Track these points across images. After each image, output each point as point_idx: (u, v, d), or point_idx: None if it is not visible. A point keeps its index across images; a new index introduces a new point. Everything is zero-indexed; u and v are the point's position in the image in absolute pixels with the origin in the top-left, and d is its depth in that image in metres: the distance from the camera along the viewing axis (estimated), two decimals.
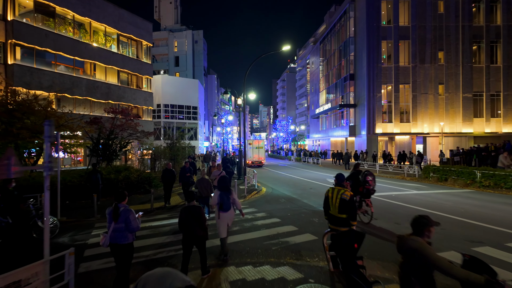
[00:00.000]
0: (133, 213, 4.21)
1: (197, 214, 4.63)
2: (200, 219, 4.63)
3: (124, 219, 4.09)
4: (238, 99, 15.97)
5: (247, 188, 13.18)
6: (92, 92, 24.66)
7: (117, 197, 4.29)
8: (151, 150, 20.02)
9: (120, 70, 27.48)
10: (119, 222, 4.09)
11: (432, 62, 33.74)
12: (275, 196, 11.57)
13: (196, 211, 4.66)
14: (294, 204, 9.99)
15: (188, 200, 4.84)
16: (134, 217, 4.17)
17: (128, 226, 4.10)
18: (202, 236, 4.69)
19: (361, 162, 24.38)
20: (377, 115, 33.83)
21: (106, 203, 10.60)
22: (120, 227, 4.10)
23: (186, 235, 4.66)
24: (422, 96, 33.73)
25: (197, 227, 4.62)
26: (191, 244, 4.68)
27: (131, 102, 28.36)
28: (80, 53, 23.98)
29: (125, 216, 4.10)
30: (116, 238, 4.11)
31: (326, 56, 47.74)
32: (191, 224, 4.59)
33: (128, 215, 4.12)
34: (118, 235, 4.11)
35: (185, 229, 4.66)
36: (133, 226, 4.12)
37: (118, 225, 4.10)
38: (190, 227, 4.60)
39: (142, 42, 29.94)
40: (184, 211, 4.70)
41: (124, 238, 4.13)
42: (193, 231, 4.60)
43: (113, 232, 4.11)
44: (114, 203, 4.23)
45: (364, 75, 34.67)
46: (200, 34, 49.13)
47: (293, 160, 41.55)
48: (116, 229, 4.10)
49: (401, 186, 14.28)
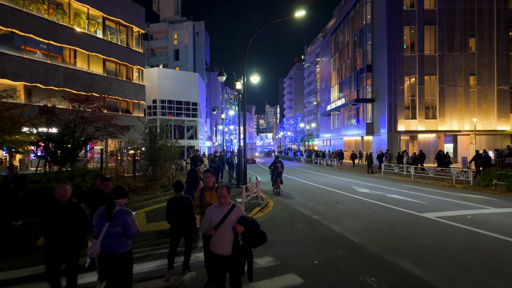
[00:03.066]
0: (132, 214, 3.32)
1: (186, 205, 4.50)
2: (190, 210, 4.48)
3: (122, 221, 3.21)
4: (236, 82, 12.27)
5: (247, 202, 9.45)
6: (72, 83, 21.27)
7: (116, 191, 3.35)
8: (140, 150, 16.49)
9: (106, 58, 24.09)
10: (115, 225, 3.19)
11: (462, 50, 29.63)
12: (287, 217, 7.80)
13: (185, 202, 4.52)
14: (319, 234, 6.19)
15: (176, 190, 4.61)
16: (133, 220, 3.29)
17: (127, 231, 3.22)
18: (190, 227, 4.55)
19: (390, 164, 20.44)
20: (399, 111, 29.81)
21: (30, 226, 7.03)
22: (116, 231, 3.19)
23: (175, 226, 4.48)
24: (451, 89, 29.62)
25: (187, 217, 4.48)
26: (180, 235, 4.52)
27: (119, 95, 24.94)
28: (56, 37, 20.62)
29: (122, 218, 3.22)
30: (111, 245, 3.19)
31: (338, 48, 43.77)
32: (180, 215, 4.45)
33: (126, 216, 3.25)
34: (113, 241, 3.19)
35: (173, 220, 4.48)
36: (132, 230, 3.25)
37: (113, 229, 3.19)
38: (179, 218, 4.45)
39: (133, 28, 26.52)
40: (172, 201, 4.52)
41: (122, 245, 3.23)
42: (182, 222, 4.46)
43: (107, 237, 3.18)
44: (109, 198, 3.28)
45: (384, 66, 30.68)
46: (202, 26, 45.62)
47: (302, 162, 37.65)
48: (111, 233, 3.19)
49: (460, 198, 10.34)
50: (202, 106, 40.84)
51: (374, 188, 13.07)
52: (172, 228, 4.50)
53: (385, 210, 8.61)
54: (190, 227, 4.53)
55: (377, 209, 8.76)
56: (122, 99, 25.33)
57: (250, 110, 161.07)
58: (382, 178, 17.58)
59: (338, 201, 10.07)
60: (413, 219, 7.51)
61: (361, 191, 12.24)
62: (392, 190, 12.49)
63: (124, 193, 3.39)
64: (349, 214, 8.10)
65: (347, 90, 39.59)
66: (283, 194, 11.78)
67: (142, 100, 27.14)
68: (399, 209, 8.68)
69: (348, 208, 8.85)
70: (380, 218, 7.61)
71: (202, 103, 41.40)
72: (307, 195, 11.53)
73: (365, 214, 8.13)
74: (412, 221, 7.32)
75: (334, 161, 28.87)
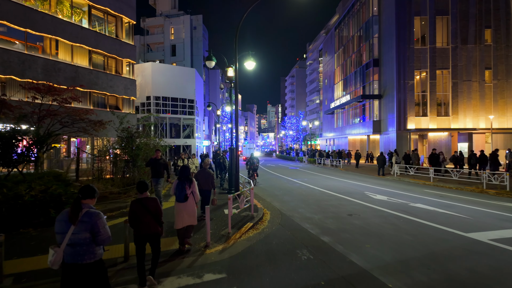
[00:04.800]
0: (102, 217, 2.79)
1: (152, 207, 4.00)
2: (156, 212, 4.02)
3: (90, 226, 2.68)
4: (228, 69, 10.29)
5: (237, 214, 7.45)
6: (52, 76, 19.35)
7: (82, 191, 2.85)
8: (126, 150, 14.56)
9: (92, 50, 22.16)
10: (81, 231, 2.66)
11: (476, 42, 27.57)
12: (288, 238, 5.77)
13: (150, 204, 4.02)
14: (333, 272, 4.21)
15: (140, 191, 4.08)
16: (104, 223, 2.76)
17: (96, 237, 2.71)
18: (157, 233, 4.06)
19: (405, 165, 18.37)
20: (409, 107, 27.77)
21: None
22: (83, 238, 2.67)
23: (139, 231, 4.00)
24: (465, 84, 27.56)
25: (152, 221, 3.99)
26: (145, 241, 4.04)
27: (107, 90, 23.03)
28: (34, 25, 18.73)
29: (90, 222, 2.69)
30: (76, 254, 2.66)
31: (342, 43, 41.70)
32: (144, 219, 3.96)
33: (95, 219, 2.71)
34: (79, 250, 2.67)
35: (137, 225, 3.99)
36: (103, 236, 2.73)
37: (80, 235, 2.66)
38: (143, 222, 3.96)
39: (123, 18, 24.59)
40: (136, 203, 4.03)
41: (89, 254, 2.70)
42: (147, 227, 3.98)
43: (71, 245, 2.66)
44: (75, 198, 2.78)
45: (392, 60, 28.65)
46: (200, 20, 43.64)
47: (305, 162, 35.61)
48: (76, 240, 2.66)
49: (504, 209, 8.31)
50: (199, 103, 38.91)
51: (391, 194, 11.05)
52: (137, 234, 4.05)
53: (415, 227, 6.62)
54: (155, 233, 4.07)
55: (405, 225, 6.76)
56: (110, 94, 23.41)
57: (252, 110, 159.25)
58: (396, 181, 15.56)
59: (351, 212, 8.04)
60: (460, 243, 5.50)
61: (377, 198, 10.23)
62: (414, 197, 10.47)
63: (92, 192, 2.89)
64: (370, 234, 6.08)
65: (352, 86, 37.53)
66: (282, 202, 9.79)
67: (132, 95, 25.21)
68: (434, 225, 6.67)
69: (367, 224, 6.84)
70: (414, 241, 5.63)
71: (200, 101, 39.48)
72: (312, 203, 9.50)
73: (391, 233, 6.14)
74: (460, 246, 5.32)
75: (340, 162, 26.80)
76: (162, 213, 4.12)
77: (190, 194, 5.30)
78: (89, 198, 2.86)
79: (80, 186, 11.42)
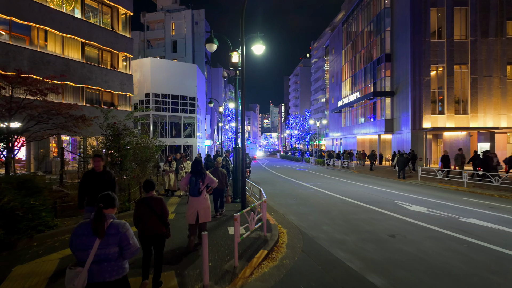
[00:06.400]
0: (129, 228, 2.52)
1: (157, 207, 3.86)
2: (161, 213, 3.87)
3: (118, 238, 2.41)
4: (232, 54, 8.55)
5: (244, 239, 5.62)
6: (40, 69, 17.73)
7: (104, 199, 2.54)
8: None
9: (85, 42, 20.54)
10: (109, 244, 2.38)
11: (498, 35, 25.67)
12: (319, 276, 4.01)
13: (156, 203, 3.89)
14: None
15: (146, 190, 3.98)
16: (132, 234, 2.50)
17: (125, 250, 2.44)
18: (162, 234, 3.86)
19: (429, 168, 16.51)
20: (424, 105, 25.92)
21: None
22: (111, 253, 2.39)
23: (143, 232, 3.84)
24: (485, 79, 25.67)
25: (157, 222, 3.83)
26: (149, 242, 3.88)
27: (101, 85, 21.40)
28: (20, 13, 17.13)
29: (119, 234, 2.42)
30: (103, 271, 2.37)
31: (351, 38, 39.85)
32: (149, 219, 3.81)
33: (123, 230, 2.45)
34: (106, 266, 2.38)
35: (141, 225, 3.85)
36: (133, 249, 2.48)
37: (108, 249, 2.38)
38: (147, 223, 3.81)
39: (119, 8, 22.95)
40: (141, 203, 3.90)
41: (117, 270, 2.43)
42: (152, 227, 3.82)
43: (97, 262, 2.35)
44: (97, 208, 2.44)
45: (406, 54, 26.81)
46: (202, 14, 41.93)
47: (312, 163, 33.78)
48: (104, 256, 2.37)
49: None
50: (201, 101, 37.22)
51: (428, 204, 9.24)
52: (141, 235, 3.85)
53: (494, 258, 4.78)
54: (160, 234, 3.85)
55: (477, 255, 4.94)
56: (105, 90, 21.78)
57: (254, 109, 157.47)
58: (422, 186, 13.75)
59: (393, 232, 6.25)
60: None
61: (414, 209, 8.43)
62: (459, 208, 8.65)
63: (113, 201, 2.59)
64: (435, 272, 4.29)
65: (361, 83, 35.67)
66: (299, 216, 8.04)
67: (129, 92, 23.57)
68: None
69: (422, 252, 5.04)
70: (508, 286, 3.87)
71: (202, 99, 37.79)
72: (337, 217, 7.70)
73: (467, 270, 4.34)
74: None
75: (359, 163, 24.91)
76: (168, 213, 3.98)
77: (204, 189, 5.20)
78: (111, 208, 2.61)
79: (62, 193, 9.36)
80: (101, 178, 4.76)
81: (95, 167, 4.83)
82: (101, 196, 2.58)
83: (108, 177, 4.84)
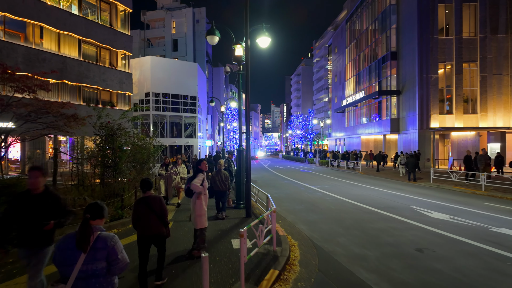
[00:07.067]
0: (118, 241, 2.31)
1: (156, 206, 3.77)
2: (161, 212, 3.80)
3: (106, 252, 2.19)
4: (235, 47, 7.86)
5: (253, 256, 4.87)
6: (36, 66, 17.09)
7: (90, 209, 2.31)
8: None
9: (82, 39, 19.90)
10: (96, 259, 2.15)
11: (508, 32, 24.93)
12: None
13: (155, 202, 3.80)
14: None
15: (143, 190, 3.87)
16: (121, 248, 2.30)
17: (113, 265, 2.21)
18: (162, 233, 3.84)
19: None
20: (432, 104, 25.17)
21: None
22: (98, 268, 2.16)
23: (143, 232, 3.77)
24: (494, 78, 24.91)
25: (157, 221, 3.77)
26: (149, 243, 3.80)
27: (99, 84, 20.75)
28: (14, 8, 16.53)
29: (106, 248, 2.20)
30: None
31: (355, 36, 39.10)
32: (149, 219, 3.74)
33: (112, 244, 2.23)
34: (94, 283, 2.16)
35: (141, 225, 3.75)
36: (121, 264, 2.25)
37: (94, 265, 2.15)
38: (147, 222, 3.73)
39: (118, 5, 22.31)
40: (140, 202, 3.80)
41: (106, 286, 2.22)
42: (151, 227, 3.75)
43: (83, 279, 2.14)
44: (83, 219, 2.22)
45: (413, 52, 26.07)
46: (203, 12, 41.28)
47: (316, 164, 33.05)
48: (90, 272, 2.15)
49: None
50: (202, 101, 36.55)
51: (450, 210, 8.48)
52: (140, 235, 3.80)
53: None
54: (160, 234, 3.82)
55: None
56: (103, 89, 21.13)
57: (256, 109, 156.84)
58: (435, 189, 12.99)
59: (419, 245, 5.48)
60: None
61: (436, 217, 7.68)
62: (484, 215, 7.89)
63: (101, 211, 2.35)
64: None
65: (365, 82, 34.91)
66: (309, 224, 7.32)
67: (128, 90, 22.90)
68: None
69: (460, 273, 4.30)
70: None
71: (203, 98, 37.12)
72: (352, 226, 6.93)
73: None
74: None
75: (359, 164, 24.18)
76: (167, 212, 3.92)
77: (195, 192, 4.91)
78: (99, 218, 2.35)
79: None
80: (38, 203, 3.10)
81: (31, 187, 3.15)
82: (89, 206, 2.36)
83: (49, 201, 3.15)
